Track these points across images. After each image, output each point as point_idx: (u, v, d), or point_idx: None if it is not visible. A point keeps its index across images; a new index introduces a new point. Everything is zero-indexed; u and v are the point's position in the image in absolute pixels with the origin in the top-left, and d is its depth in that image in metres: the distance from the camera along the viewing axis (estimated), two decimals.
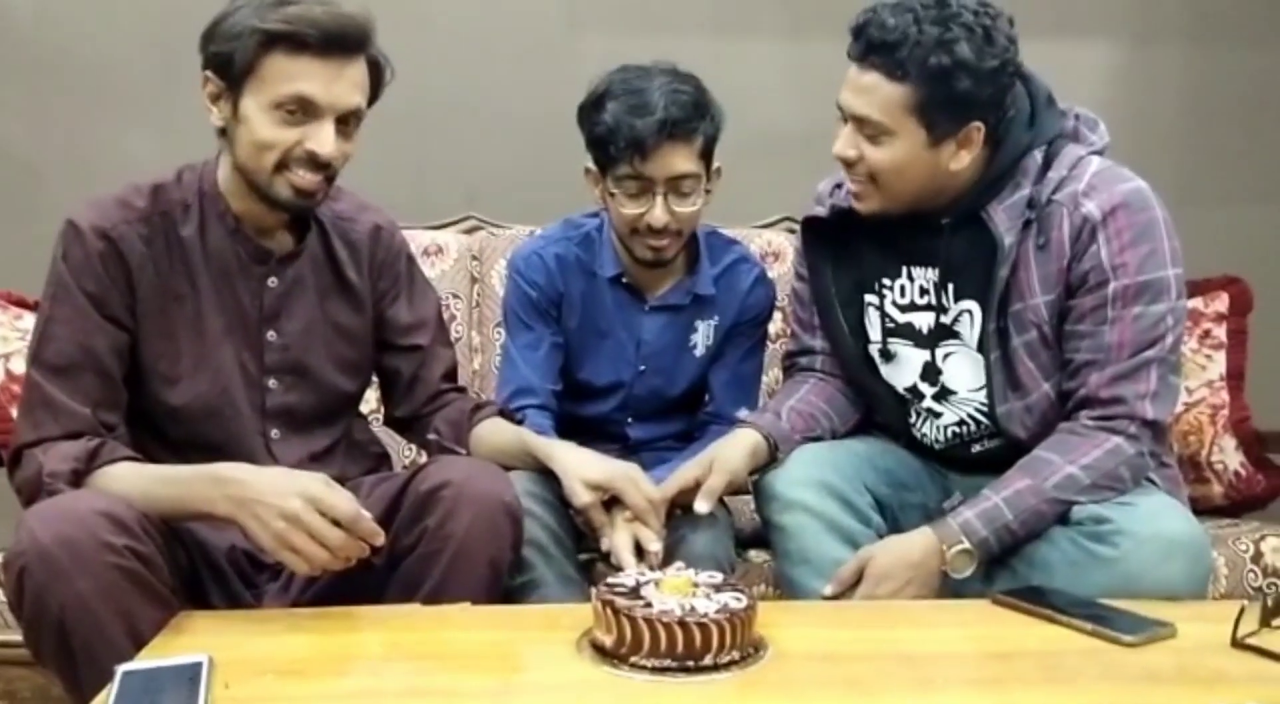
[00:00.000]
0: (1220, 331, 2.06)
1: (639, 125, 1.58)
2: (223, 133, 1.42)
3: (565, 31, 2.40)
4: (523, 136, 2.37)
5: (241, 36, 1.34)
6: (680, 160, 1.62)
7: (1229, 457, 1.99)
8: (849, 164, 1.49)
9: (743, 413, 1.68)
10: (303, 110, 1.36)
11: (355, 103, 1.39)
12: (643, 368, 1.81)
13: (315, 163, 1.38)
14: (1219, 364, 2.04)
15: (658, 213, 1.64)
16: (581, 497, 1.50)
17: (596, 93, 1.65)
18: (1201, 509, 1.52)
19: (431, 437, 1.63)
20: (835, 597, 1.44)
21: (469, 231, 2.27)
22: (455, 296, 2.18)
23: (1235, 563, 1.76)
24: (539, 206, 2.07)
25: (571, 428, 1.82)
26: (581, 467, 1.53)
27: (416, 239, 2.17)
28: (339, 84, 1.37)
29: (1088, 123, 1.56)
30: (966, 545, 1.43)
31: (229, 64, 1.36)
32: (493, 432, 1.62)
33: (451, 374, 1.68)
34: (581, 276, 1.80)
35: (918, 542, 1.44)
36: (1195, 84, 2.55)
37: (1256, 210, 2.50)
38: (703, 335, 1.82)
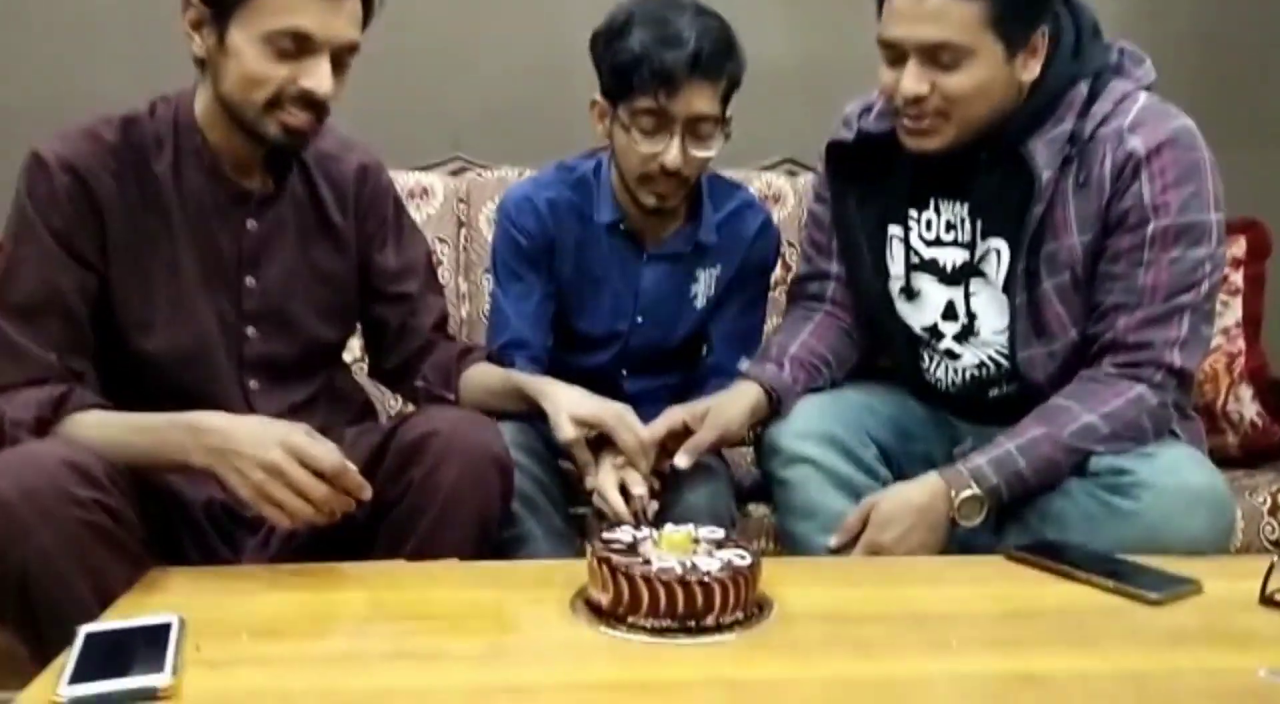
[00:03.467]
0: (1237, 277, 2.00)
1: (668, 57, 1.48)
2: (202, 63, 1.33)
3: None
4: (511, 75, 2.29)
5: None
6: (704, 100, 1.51)
7: (1245, 406, 1.93)
8: (916, 101, 1.39)
9: (744, 364, 1.60)
10: (298, 45, 1.27)
11: (352, 38, 1.31)
12: (640, 319, 1.73)
13: (310, 101, 1.30)
14: (1235, 311, 1.98)
15: (673, 153, 1.53)
16: (566, 431, 1.44)
17: (619, 19, 1.54)
18: (1216, 460, 1.46)
19: (419, 384, 1.56)
20: (839, 549, 1.39)
21: (455, 173, 2.19)
22: (441, 241, 2.10)
23: (1251, 516, 1.71)
24: (528, 147, 2.00)
25: (563, 377, 1.74)
26: (571, 402, 1.47)
27: (401, 181, 2.07)
28: (337, 18, 1.28)
29: (1133, 58, 1.49)
30: (976, 492, 1.37)
31: None
32: (482, 375, 1.55)
33: (442, 323, 1.61)
34: (576, 223, 1.70)
35: (925, 487, 1.39)
36: (1210, 22, 2.46)
37: (1275, 152, 2.41)
38: (704, 285, 1.73)
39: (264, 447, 1.17)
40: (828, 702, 0.95)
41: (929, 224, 1.53)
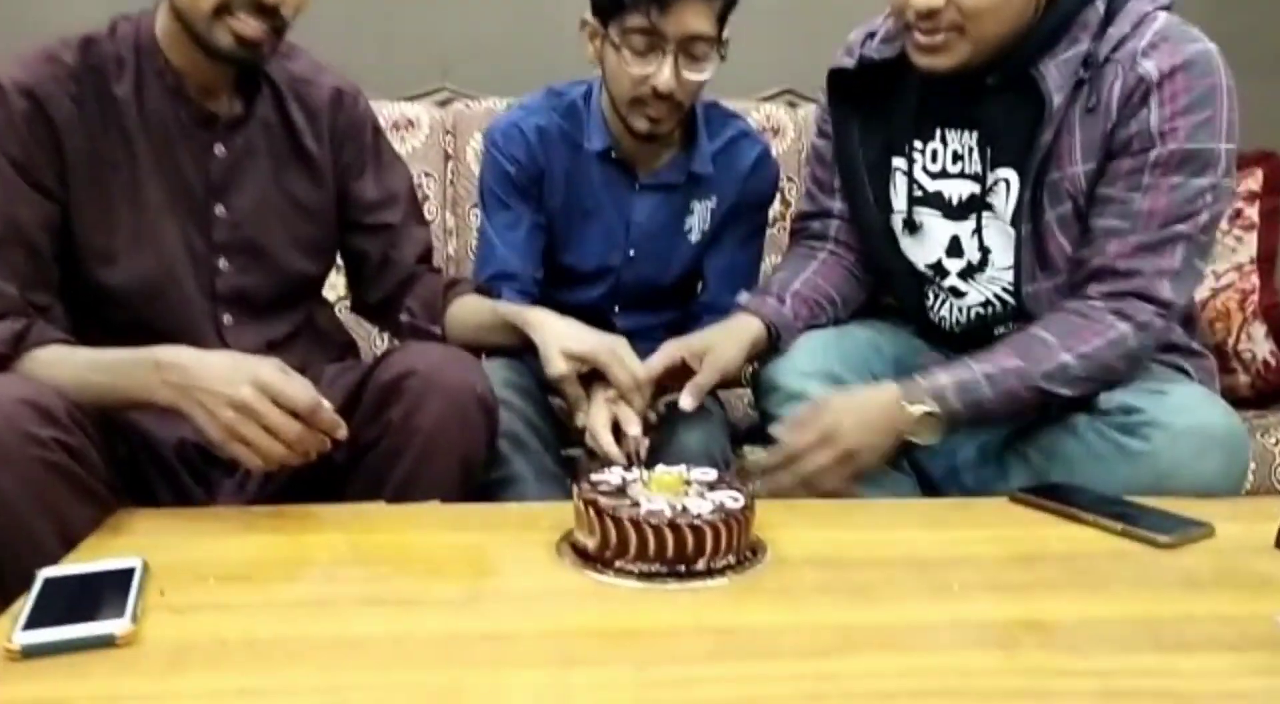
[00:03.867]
0: (1252, 211, 1.93)
1: None
2: None
3: None
4: (501, 1, 2.20)
5: None
6: (699, 19, 1.43)
7: (1258, 345, 1.87)
8: (930, 15, 1.31)
9: (743, 297, 1.53)
10: None
11: None
12: (632, 252, 1.66)
13: (260, 7, 1.23)
14: (1249, 246, 1.91)
15: (665, 75, 1.45)
16: (557, 365, 1.37)
17: None
18: (1227, 400, 1.40)
19: (404, 318, 1.50)
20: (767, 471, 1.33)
21: (442, 104, 2.11)
22: (428, 175, 2.03)
23: (1264, 457, 1.67)
24: (517, 77, 1.91)
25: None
26: (563, 336, 1.39)
27: (386, 112, 2.02)
28: None
29: None
30: (935, 409, 1.30)
31: None
32: (469, 308, 1.49)
33: (426, 255, 1.55)
34: (565, 151, 1.63)
35: (879, 398, 1.32)
36: None
37: None
38: (699, 218, 1.67)
39: (233, 383, 1.11)
40: (823, 649, 0.90)
41: (935, 155, 1.46)
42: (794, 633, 0.93)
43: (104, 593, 0.94)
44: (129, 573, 0.97)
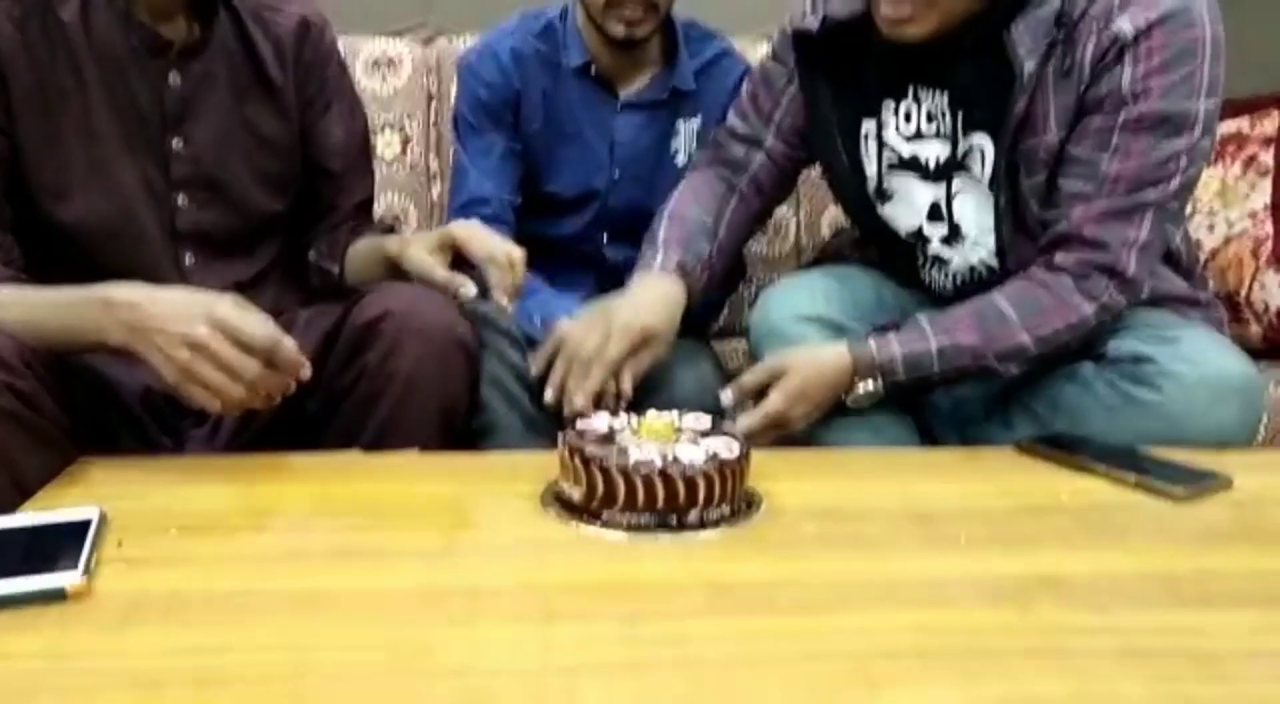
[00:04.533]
0: (1267, 156, 1.85)
1: None
2: None
3: None
4: None
5: None
6: None
7: (1271, 294, 1.80)
8: None
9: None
10: None
11: None
12: (617, 174, 1.61)
13: None
14: (1264, 193, 1.84)
15: None
16: (415, 257, 1.26)
17: None
18: None
19: (311, 255, 1.44)
20: (734, 411, 1.30)
21: (426, 42, 2.02)
22: (410, 117, 1.96)
23: (1276, 408, 1.62)
24: (503, 9, 1.82)
25: (540, 252, 1.61)
26: (417, 238, 1.31)
27: (366, 49, 1.94)
28: None
29: None
30: (879, 387, 1.29)
31: None
32: (361, 244, 1.42)
33: (366, 204, 1.49)
34: (543, 71, 1.58)
35: (835, 365, 1.29)
36: None
37: None
38: (685, 139, 1.62)
39: (186, 321, 1.03)
40: (823, 604, 0.84)
41: (908, 116, 1.38)
42: (791, 587, 0.87)
43: (58, 544, 0.88)
44: (85, 524, 0.91)
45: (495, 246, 1.24)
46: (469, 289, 1.22)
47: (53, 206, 1.23)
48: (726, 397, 1.31)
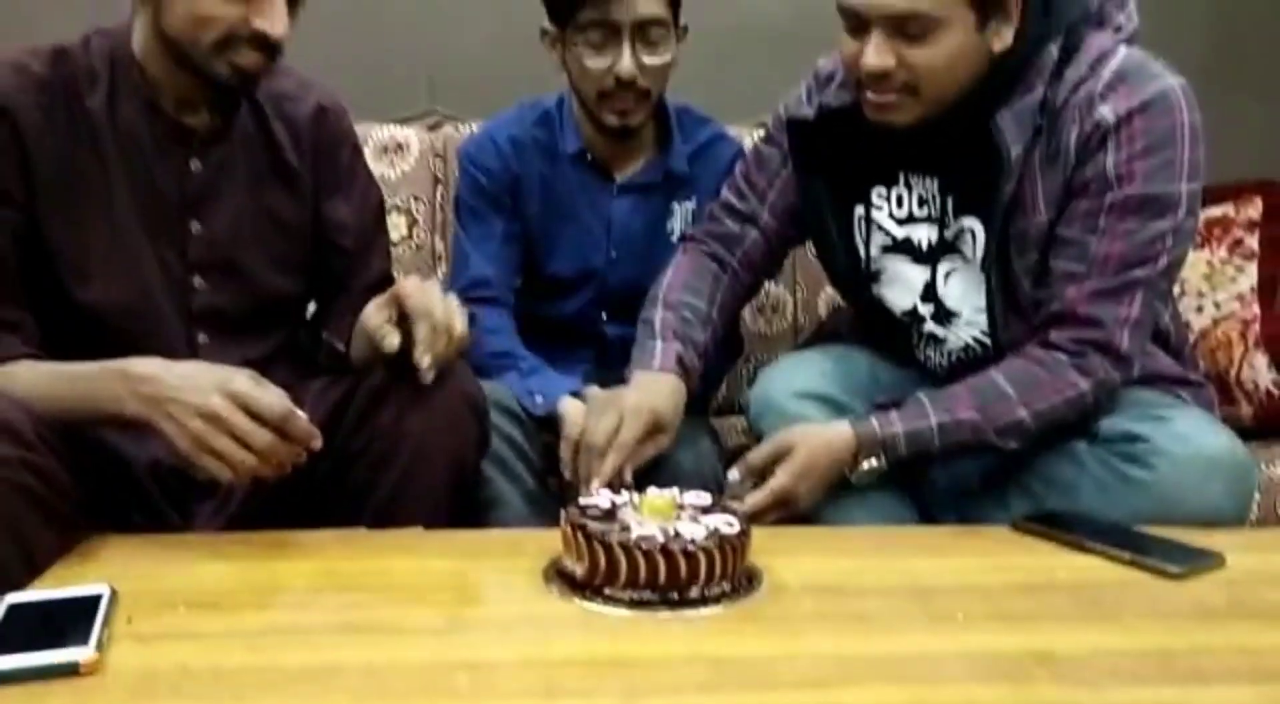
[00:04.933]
0: (1253, 240, 1.90)
1: None
2: None
3: None
4: (488, 22, 2.19)
5: None
6: (648, 3, 1.48)
7: (1260, 375, 1.83)
8: (881, 76, 1.27)
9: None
10: None
11: None
12: (614, 254, 1.65)
13: (263, 42, 1.21)
14: (1250, 275, 1.89)
15: (625, 62, 1.48)
16: (364, 317, 1.23)
17: None
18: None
19: (324, 333, 1.43)
20: (740, 490, 1.31)
21: (432, 128, 2.08)
22: (417, 199, 2.00)
23: (1269, 488, 1.64)
24: (507, 98, 1.89)
25: (542, 331, 1.66)
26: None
27: (375, 135, 1.99)
28: None
29: (1114, 1, 1.37)
30: (882, 464, 1.31)
31: None
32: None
33: (379, 284, 1.45)
34: (541, 157, 1.64)
35: (839, 443, 1.31)
36: None
37: None
38: (680, 219, 1.66)
39: (202, 392, 1.07)
40: (823, 680, 0.85)
41: (899, 200, 1.43)
42: (791, 663, 0.89)
43: (69, 620, 0.90)
44: (95, 600, 0.93)
45: (434, 305, 1.19)
46: (391, 341, 1.18)
47: (72, 286, 1.26)
48: (734, 474, 1.33)
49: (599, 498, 1.09)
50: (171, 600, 0.97)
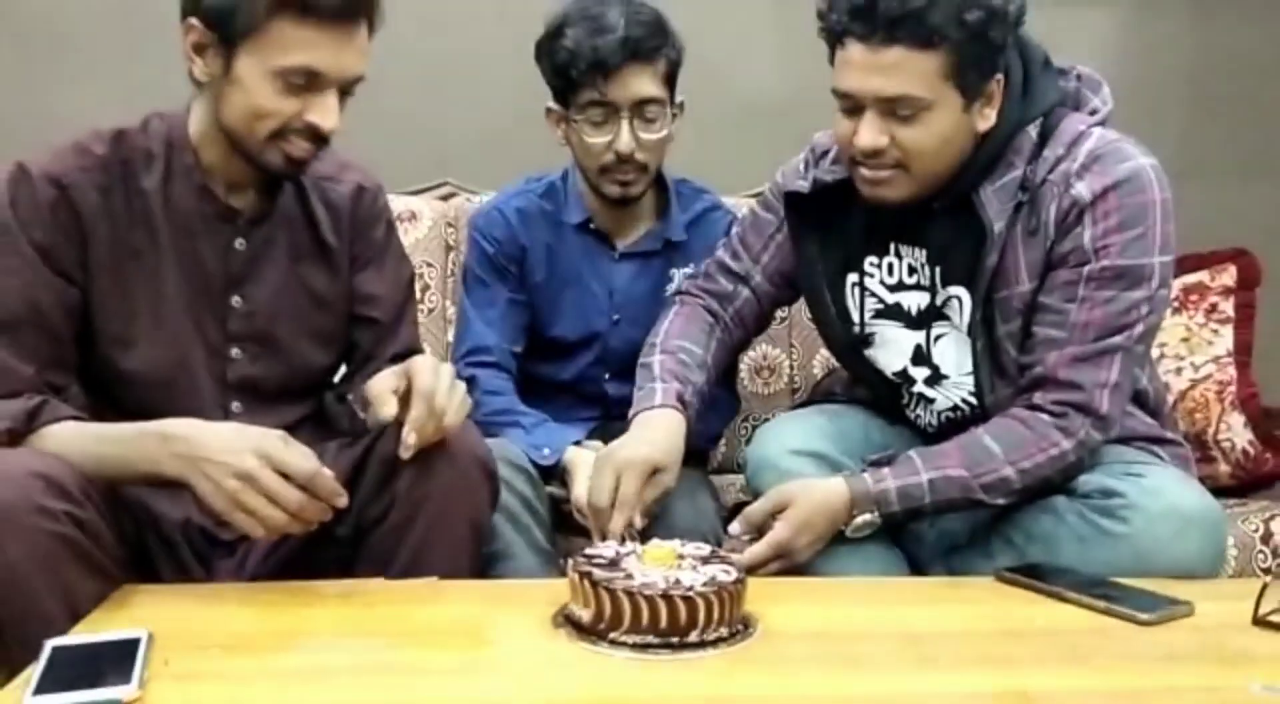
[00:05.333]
0: (1227, 306, 1.99)
1: (600, 45, 1.55)
2: (199, 82, 1.31)
3: None
4: (498, 99, 2.28)
5: None
6: (644, 83, 1.58)
7: (1236, 434, 1.91)
8: (874, 154, 1.37)
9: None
10: (308, 81, 1.26)
11: (361, 71, 1.30)
12: (617, 318, 1.74)
13: (316, 135, 1.30)
14: (1226, 339, 1.97)
15: (624, 138, 1.58)
16: (388, 406, 1.27)
17: (554, 23, 1.61)
18: (1208, 489, 1.43)
19: (349, 398, 1.47)
20: (741, 543, 1.37)
21: (444, 198, 2.18)
22: (429, 265, 2.09)
23: (1245, 543, 1.69)
24: (516, 171, 1.98)
25: (548, 391, 1.74)
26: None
27: (390, 205, 2.07)
28: (347, 54, 1.27)
29: (1090, 84, 1.47)
30: (875, 518, 1.37)
31: (228, 20, 1.24)
32: None
33: (407, 355, 1.49)
34: (546, 227, 1.74)
35: (835, 497, 1.37)
36: (1199, 54, 2.48)
37: (1265, 182, 2.43)
38: (678, 285, 1.74)
39: (236, 453, 1.14)
40: None
41: (890, 268, 1.51)
42: (785, 702, 0.95)
43: (111, 661, 0.96)
44: (135, 642, 0.99)
45: (437, 391, 1.22)
46: (388, 411, 1.21)
47: (116, 355, 1.33)
48: (735, 528, 1.39)
49: (604, 548, 1.16)
50: (205, 644, 1.03)
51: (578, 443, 1.59)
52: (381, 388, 1.25)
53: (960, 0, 1.29)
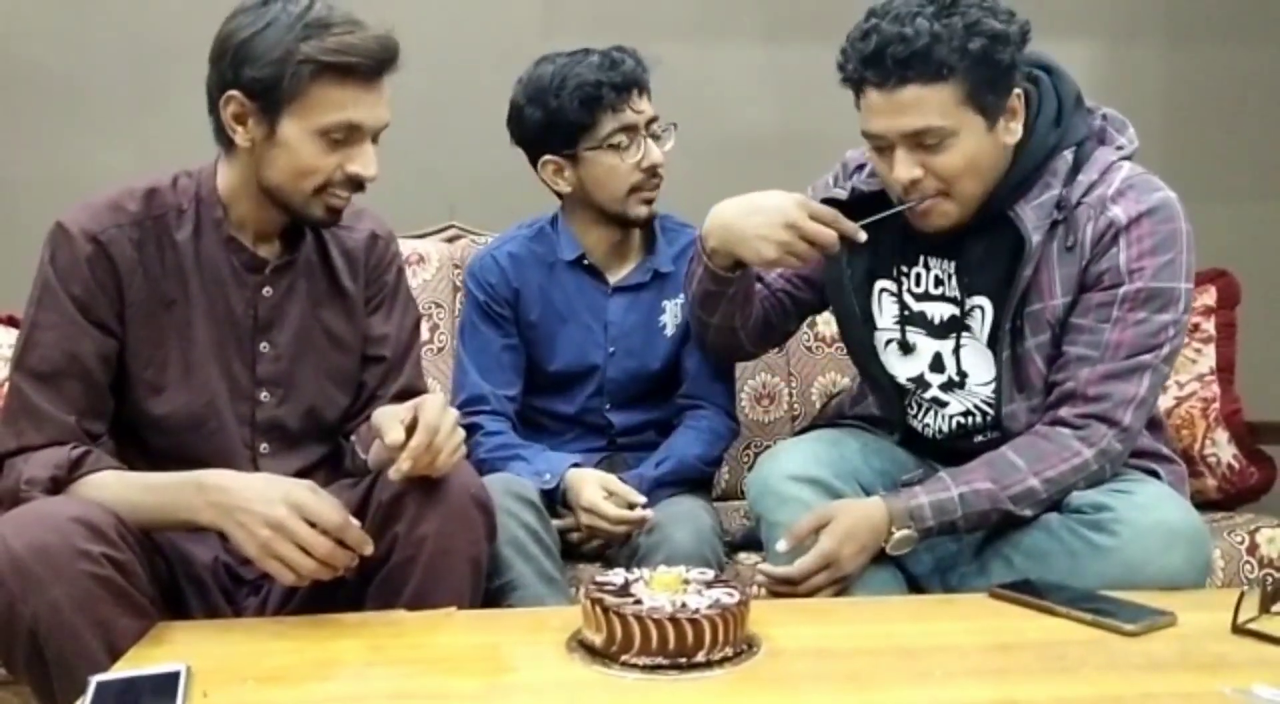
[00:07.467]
0: (1209, 325, 2.05)
1: (615, 75, 1.67)
2: (230, 143, 1.38)
3: (542, 36, 2.38)
4: (503, 143, 2.32)
5: (287, 62, 1.30)
6: (646, 102, 1.73)
7: (1221, 449, 1.97)
8: (914, 184, 1.44)
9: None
10: (346, 135, 1.34)
11: (389, 119, 1.39)
12: (613, 349, 1.81)
13: (357, 183, 1.38)
14: (1209, 357, 2.03)
15: (654, 151, 1.71)
16: (378, 412, 1.36)
17: (544, 83, 1.71)
18: (1196, 503, 1.51)
19: (352, 438, 1.54)
20: (784, 560, 1.42)
21: (450, 240, 2.25)
22: (437, 306, 2.16)
23: (1231, 555, 1.75)
24: (520, 214, 2.04)
25: (554, 425, 1.82)
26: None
27: (400, 251, 2.14)
28: (379, 104, 1.37)
29: (1116, 124, 1.55)
30: (913, 533, 1.43)
31: (272, 90, 1.31)
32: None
33: (409, 394, 1.55)
34: (538, 268, 1.82)
35: (874, 512, 1.43)
36: (1176, 82, 2.56)
37: (1241, 206, 2.51)
38: (671, 315, 1.83)
39: (269, 503, 1.20)
40: None
41: (918, 278, 1.58)
42: None
43: (153, 695, 1.02)
44: (175, 676, 1.05)
45: (441, 430, 1.27)
46: (394, 436, 1.25)
47: (147, 401, 1.40)
48: (781, 545, 1.43)
49: (613, 575, 1.22)
50: (241, 676, 1.09)
51: (576, 465, 1.67)
52: (390, 416, 1.31)
53: (962, 31, 1.37)
